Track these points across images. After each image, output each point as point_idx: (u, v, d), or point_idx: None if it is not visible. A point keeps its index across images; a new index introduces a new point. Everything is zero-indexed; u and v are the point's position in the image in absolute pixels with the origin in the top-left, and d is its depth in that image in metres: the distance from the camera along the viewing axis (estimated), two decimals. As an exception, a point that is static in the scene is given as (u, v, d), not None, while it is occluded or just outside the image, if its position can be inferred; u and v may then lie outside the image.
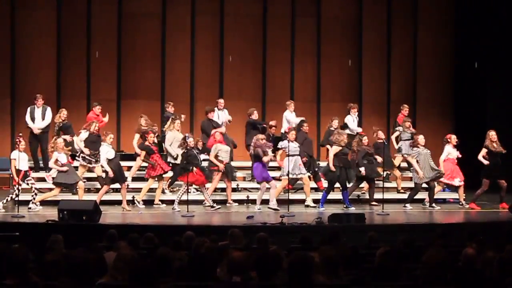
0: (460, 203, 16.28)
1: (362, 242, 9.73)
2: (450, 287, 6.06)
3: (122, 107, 20.09)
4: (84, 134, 16.03)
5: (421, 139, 16.18)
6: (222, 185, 16.32)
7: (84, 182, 15.86)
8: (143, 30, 20.30)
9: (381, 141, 16.41)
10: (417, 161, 15.96)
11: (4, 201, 14.93)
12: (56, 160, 15.12)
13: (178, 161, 15.98)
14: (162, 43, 20.31)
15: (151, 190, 16.03)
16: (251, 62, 20.74)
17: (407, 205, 15.99)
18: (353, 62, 20.96)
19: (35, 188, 15.06)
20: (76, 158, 16.16)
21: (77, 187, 15.27)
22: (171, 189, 16.92)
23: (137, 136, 16.80)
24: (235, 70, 20.50)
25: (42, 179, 16.53)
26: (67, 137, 16.22)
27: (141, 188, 16.04)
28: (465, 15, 20.61)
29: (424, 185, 16.17)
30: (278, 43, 20.73)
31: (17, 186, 14.65)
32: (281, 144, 16.13)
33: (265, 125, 17.52)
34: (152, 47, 20.32)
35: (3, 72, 19.63)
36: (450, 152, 16.30)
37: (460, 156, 16.37)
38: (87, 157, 15.98)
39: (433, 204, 16.04)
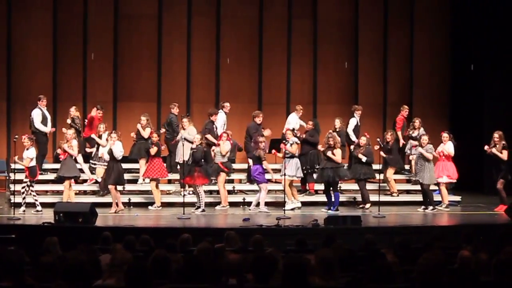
0: (442, 204, 16.09)
1: (358, 244, 9.72)
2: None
3: (118, 109, 20.03)
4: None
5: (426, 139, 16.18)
6: (213, 187, 16.42)
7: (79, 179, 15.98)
8: (139, 31, 20.26)
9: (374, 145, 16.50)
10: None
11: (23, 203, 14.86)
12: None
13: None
14: (158, 45, 20.27)
15: (147, 192, 16.08)
16: (247, 64, 20.71)
17: (429, 207, 15.83)
18: (350, 64, 20.93)
19: (32, 191, 14.97)
20: (91, 162, 16.36)
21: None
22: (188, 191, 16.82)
23: (148, 129, 16.56)
24: (232, 72, 20.46)
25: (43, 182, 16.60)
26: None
27: (137, 190, 16.16)
28: (461, 17, 20.61)
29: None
30: (275, 45, 20.71)
31: (29, 183, 14.70)
32: (293, 139, 16.10)
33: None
34: (148, 48, 20.28)
35: (-1, 73, 19.61)
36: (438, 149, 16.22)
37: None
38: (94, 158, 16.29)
39: (429, 207, 16.01)
